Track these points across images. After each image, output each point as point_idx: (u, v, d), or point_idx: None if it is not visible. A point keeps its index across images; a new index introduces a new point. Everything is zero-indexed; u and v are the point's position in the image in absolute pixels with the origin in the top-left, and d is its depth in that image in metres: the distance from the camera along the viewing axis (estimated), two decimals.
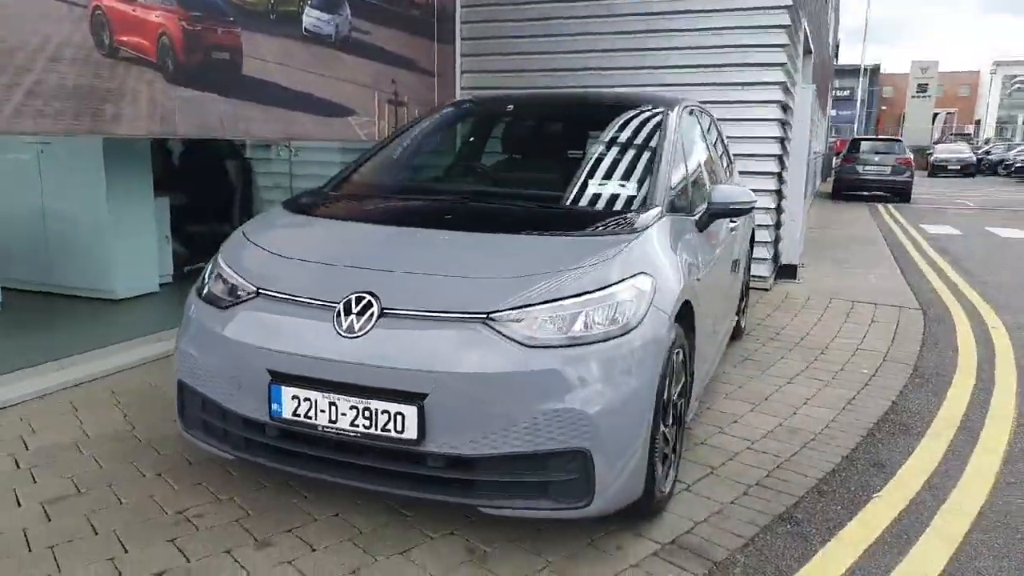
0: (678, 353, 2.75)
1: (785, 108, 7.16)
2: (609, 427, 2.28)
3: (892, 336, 5.46)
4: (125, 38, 4.21)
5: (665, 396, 2.60)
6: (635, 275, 2.49)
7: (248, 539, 2.54)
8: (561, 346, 2.29)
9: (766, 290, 6.97)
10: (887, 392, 4.24)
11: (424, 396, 2.26)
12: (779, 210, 7.39)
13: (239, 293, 2.64)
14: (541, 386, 2.25)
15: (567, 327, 2.32)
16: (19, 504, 2.75)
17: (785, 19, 6.54)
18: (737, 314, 4.95)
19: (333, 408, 2.35)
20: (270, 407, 2.43)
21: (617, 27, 7.08)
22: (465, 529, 2.63)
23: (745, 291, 5.25)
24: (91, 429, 3.39)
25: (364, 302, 2.40)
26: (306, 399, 2.38)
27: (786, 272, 7.54)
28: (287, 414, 2.41)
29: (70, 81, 3.91)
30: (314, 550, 2.49)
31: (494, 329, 2.30)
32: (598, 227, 2.74)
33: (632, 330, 2.37)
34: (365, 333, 2.35)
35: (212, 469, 3.01)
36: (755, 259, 6.84)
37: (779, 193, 7.28)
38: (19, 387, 3.80)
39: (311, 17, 5.66)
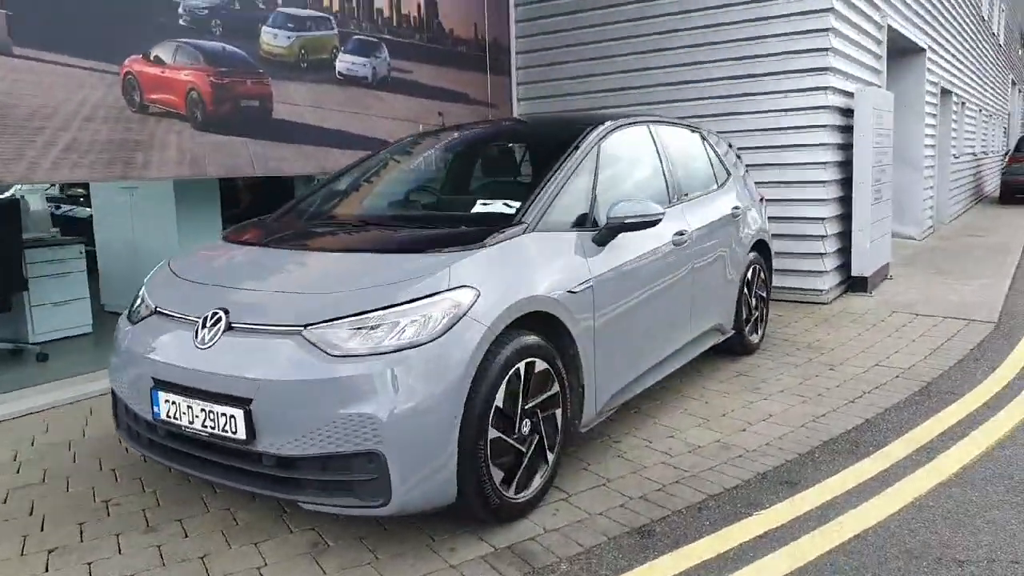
0: (532, 363, 2.85)
1: (846, 112, 6.81)
2: (403, 431, 2.44)
3: (930, 352, 5.03)
4: (155, 96, 4.91)
5: (503, 404, 2.71)
6: (454, 288, 2.64)
7: (141, 524, 2.94)
8: (362, 355, 2.49)
9: (823, 303, 6.60)
10: (868, 410, 3.97)
11: (250, 401, 2.55)
12: (843, 219, 6.98)
13: (147, 312, 3.08)
14: (341, 392, 2.46)
15: (371, 338, 2.52)
16: None
17: (826, 23, 6.25)
18: (737, 327, 4.82)
19: (190, 410, 2.69)
20: (152, 409, 2.83)
21: (662, 45, 7.09)
22: (326, 526, 2.87)
23: (754, 304, 5.06)
24: (90, 431, 3.99)
25: (216, 317, 2.74)
26: (173, 402, 2.74)
27: (859, 285, 7.08)
28: (163, 415, 2.79)
29: (103, 136, 4.63)
30: (187, 536, 2.84)
31: (307, 340, 2.55)
32: (443, 245, 2.91)
33: (434, 340, 2.53)
34: (212, 345, 2.68)
35: (155, 467, 3.47)
36: (805, 272, 6.56)
37: (841, 201, 6.89)
38: (55, 395, 4.50)
39: (344, 62, 6.20)
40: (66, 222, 9.84)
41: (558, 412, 3.04)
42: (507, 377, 2.73)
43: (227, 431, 2.60)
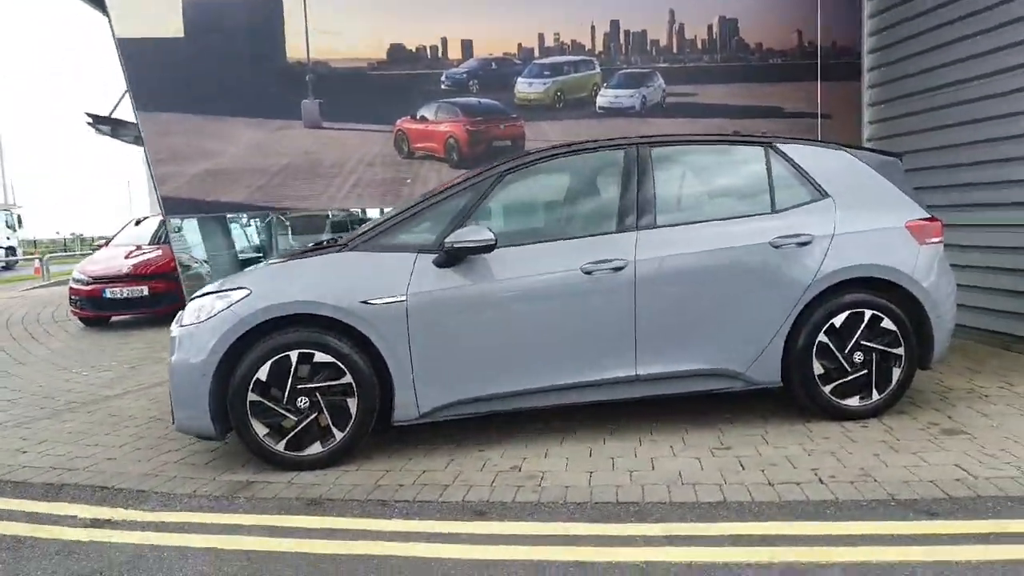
0: (310, 354, 3.65)
1: None
2: (176, 376, 3.69)
3: None
4: (420, 145, 6.76)
5: (266, 378, 3.63)
6: (236, 288, 3.74)
7: None
8: (183, 326, 3.84)
9: None
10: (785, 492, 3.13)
11: None
12: None
13: None
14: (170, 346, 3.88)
15: (190, 315, 3.84)
16: None
17: None
18: (803, 384, 3.99)
19: None
20: None
21: None
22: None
23: (856, 360, 3.97)
24: None
25: None
26: None
27: None
28: None
29: (379, 176, 6.73)
30: None
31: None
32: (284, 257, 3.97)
33: (205, 320, 3.69)
34: None
35: None
36: None
37: None
38: None
39: (606, 97, 6.88)
40: None
41: (351, 401, 3.72)
42: (274, 358, 3.66)
43: None
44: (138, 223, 11.46)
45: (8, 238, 29.98)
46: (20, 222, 32.06)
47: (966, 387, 4.66)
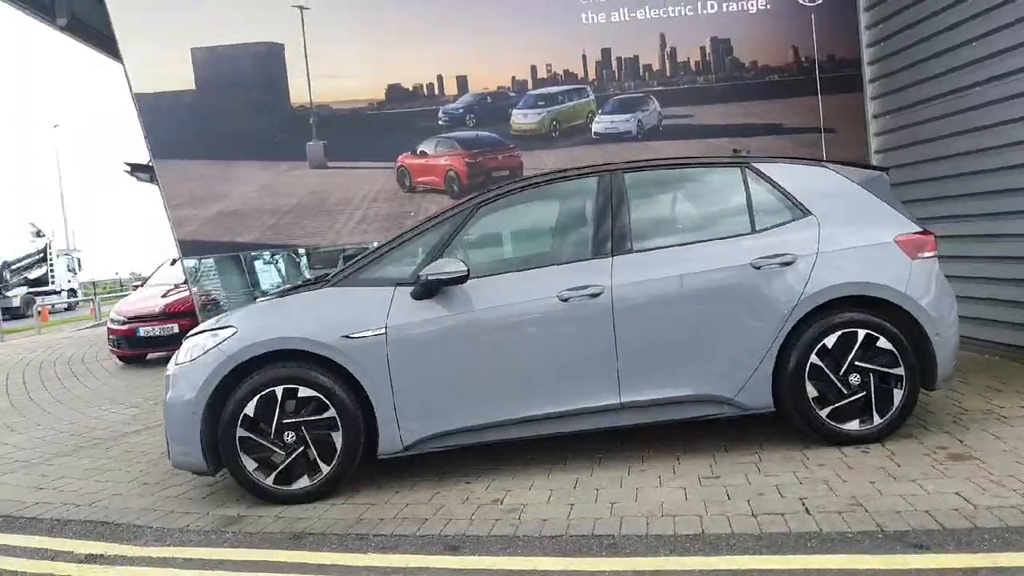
0: (294, 390, 3.74)
1: None
2: (170, 413, 3.83)
3: None
4: (421, 179, 6.88)
5: (253, 414, 3.72)
6: (224, 327, 3.86)
7: None
8: (177, 364, 3.97)
9: None
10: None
11: None
12: None
13: None
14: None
15: (183, 355, 3.97)
16: None
17: None
18: (798, 407, 3.89)
19: None
20: None
21: None
22: None
23: (853, 381, 3.86)
24: None
25: None
26: None
27: None
28: None
29: (383, 211, 6.86)
30: None
31: None
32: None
33: (197, 359, 3.82)
34: None
35: None
36: None
37: None
38: None
39: (602, 123, 6.93)
40: None
41: (336, 434, 3.78)
42: (261, 394, 3.75)
43: None
44: (173, 263, 11.81)
45: (69, 281, 31.24)
46: (80, 265, 33.36)
47: (984, 408, 4.41)
